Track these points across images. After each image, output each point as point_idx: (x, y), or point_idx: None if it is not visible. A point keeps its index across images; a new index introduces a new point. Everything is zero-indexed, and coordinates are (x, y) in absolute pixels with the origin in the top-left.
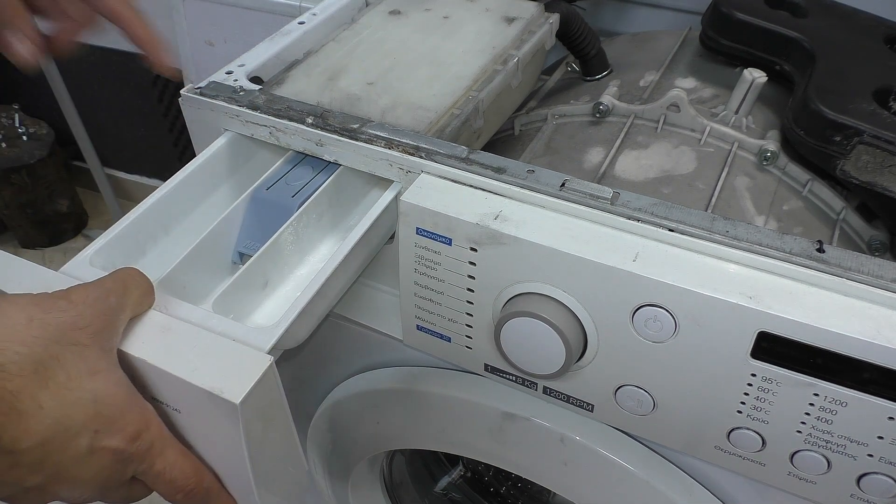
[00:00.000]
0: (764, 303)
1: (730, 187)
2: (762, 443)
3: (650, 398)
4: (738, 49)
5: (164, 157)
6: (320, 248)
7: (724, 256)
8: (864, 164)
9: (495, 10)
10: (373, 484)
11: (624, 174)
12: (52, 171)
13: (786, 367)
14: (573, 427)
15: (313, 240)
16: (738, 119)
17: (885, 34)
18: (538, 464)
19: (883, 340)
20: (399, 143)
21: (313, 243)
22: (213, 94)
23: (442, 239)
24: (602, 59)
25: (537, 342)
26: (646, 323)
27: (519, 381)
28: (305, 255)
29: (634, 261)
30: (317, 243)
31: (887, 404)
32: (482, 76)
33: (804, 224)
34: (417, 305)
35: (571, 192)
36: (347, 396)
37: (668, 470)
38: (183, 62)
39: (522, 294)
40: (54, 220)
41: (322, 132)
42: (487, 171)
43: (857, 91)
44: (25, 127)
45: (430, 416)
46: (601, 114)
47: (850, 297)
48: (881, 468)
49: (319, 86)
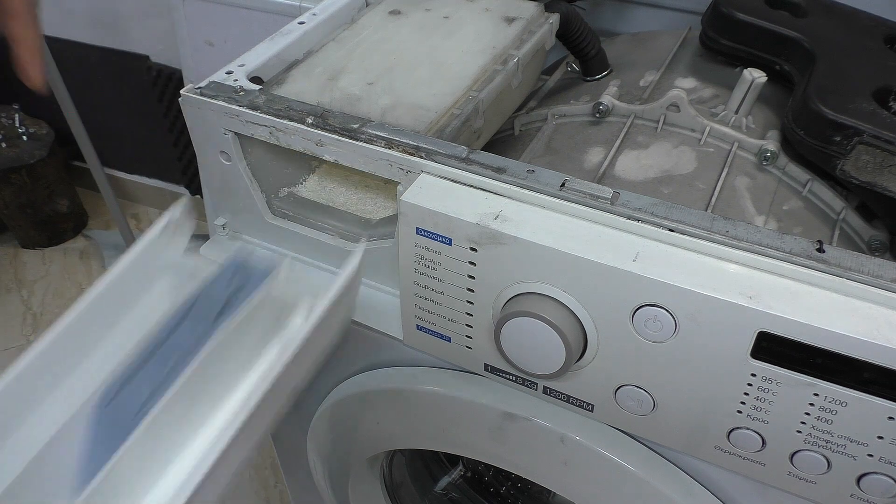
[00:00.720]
0: (764, 303)
1: (730, 187)
2: (762, 443)
3: (650, 398)
4: (738, 49)
5: (164, 157)
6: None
7: (724, 256)
8: (863, 163)
9: (495, 10)
10: (373, 484)
11: (624, 174)
12: (52, 171)
13: (786, 367)
14: (573, 427)
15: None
16: (738, 119)
17: (885, 34)
18: (538, 464)
19: (883, 340)
20: (399, 143)
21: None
22: (213, 94)
23: (442, 239)
24: (602, 59)
25: (537, 342)
26: (646, 323)
27: (519, 381)
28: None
29: (634, 261)
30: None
31: (887, 404)
32: (482, 76)
33: (804, 224)
34: (417, 305)
35: (571, 192)
36: (347, 396)
37: (668, 470)
38: (183, 62)
39: (522, 294)
40: (54, 220)
41: (322, 132)
42: (487, 171)
43: (857, 91)
44: (25, 127)
45: (430, 416)
46: (601, 114)
47: (850, 297)
48: (881, 468)
49: (319, 86)
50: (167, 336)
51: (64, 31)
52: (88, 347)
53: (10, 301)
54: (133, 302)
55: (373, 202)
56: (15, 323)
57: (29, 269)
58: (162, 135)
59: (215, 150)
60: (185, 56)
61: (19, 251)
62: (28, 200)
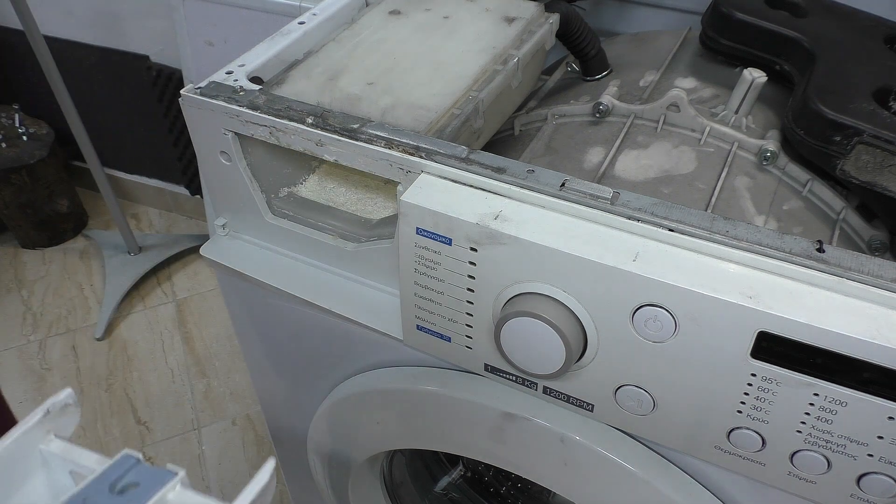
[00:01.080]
0: (764, 303)
1: (730, 187)
2: (762, 443)
3: (650, 398)
4: (738, 49)
5: (164, 157)
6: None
7: (724, 256)
8: (863, 163)
9: (495, 10)
10: (373, 484)
11: (624, 174)
12: (52, 171)
13: (786, 366)
14: (573, 427)
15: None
16: (738, 119)
17: (885, 34)
18: (538, 464)
19: (883, 340)
20: (399, 143)
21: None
22: (213, 94)
23: (442, 239)
24: (602, 59)
25: (537, 342)
26: (646, 323)
27: (519, 381)
28: None
29: (634, 261)
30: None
31: (887, 404)
32: (482, 76)
33: (804, 224)
34: (417, 305)
35: (571, 191)
36: (347, 396)
37: (668, 470)
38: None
39: (522, 294)
40: (54, 220)
41: (322, 132)
42: (487, 171)
43: (857, 91)
44: (25, 127)
45: (430, 416)
46: (601, 114)
47: (850, 297)
48: (881, 468)
49: (319, 86)
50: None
51: (64, 31)
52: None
53: (10, 301)
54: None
55: (373, 202)
56: (15, 323)
57: (29, 269)
58: (162, 135)
59: (215, 150)
60: (185, 56)
61: (19, 251)
62: (28, 200)
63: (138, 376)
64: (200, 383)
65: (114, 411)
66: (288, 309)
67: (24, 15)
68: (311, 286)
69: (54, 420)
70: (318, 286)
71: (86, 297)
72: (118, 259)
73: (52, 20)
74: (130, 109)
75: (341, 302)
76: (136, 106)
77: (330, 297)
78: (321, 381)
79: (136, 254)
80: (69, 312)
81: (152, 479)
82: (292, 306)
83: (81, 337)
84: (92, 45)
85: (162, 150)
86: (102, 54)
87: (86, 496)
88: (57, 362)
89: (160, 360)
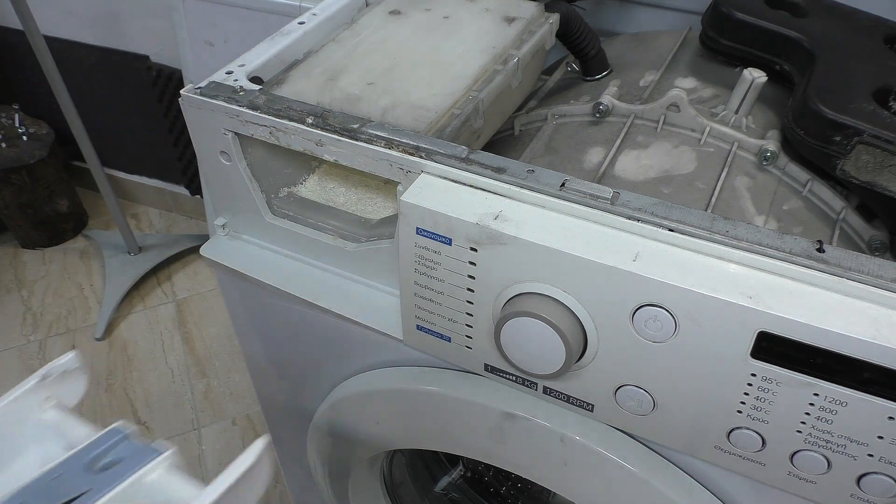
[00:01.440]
0: (764, 303)
1: (730, 187)
2: (762, 443)
3: (650, 398)
4: (738, 49)
5: (164, 157)
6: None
7: (723, 256)
8: (863, 163)
9: (495, 10)
10: (373, 484)
11: (624, 174)
12: (52, 171)
13: (786, 367)
14: (573, 427)
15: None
16: (738, 119)
17: (885, 34)
18: (538, 464)
19: (883, 340)
20: (399, 143)
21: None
22: (213, 94)
23: (442, 239)
24: (602, 59)
25: (537, 342)
26: (646, 323)
27: (519, 381)
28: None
29: (634, 261)
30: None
31: (887, 404)
32: (482, 76)
33: (804, 224)
34: (417, 305)
35: (571, 191)
36: (347, 396)
37: (668, 470)
38: (183, 62)
39: (522, 294)
40: (54, 220)
41: (322, 132)
42: (487, 171)
43: (857, 91)
44: (25, 127)
45: (430, 416)
46: (601, 114)
47: (850, 297)
48: (881, 468)
49: (319, 86)
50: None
51: (64, 31)
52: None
53: (10, 301)
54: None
55: (373, 202)
56: (15, 323)
57: (29, 269)
58: (162, 135)
59: (215, 150)
60: (185, 56)
61: (19, 251)
62: (28, 200)
63: (138, 376)
64: (200, 383)
65: (114, 411)
66: (288, 309)
67: (24, 15)
68: (310, 286)
69: (54, 386)
70: (317, 286)
71: (86, 297)
72: (118, 259)
73: (52, 20)
74: (130, 109)
75: (341, 302)
76: (136, 106)
77: (330, 297)
78: (321, 381)
79: (136, 254)
80: (69, 312)
81: (135, 457)
82: (292, 306)
83: (81, 337)
84: (92, 45)
85: (162, 150)
86: (102, 54)
87: (60, 472)
88: None
89: (160, 360)
